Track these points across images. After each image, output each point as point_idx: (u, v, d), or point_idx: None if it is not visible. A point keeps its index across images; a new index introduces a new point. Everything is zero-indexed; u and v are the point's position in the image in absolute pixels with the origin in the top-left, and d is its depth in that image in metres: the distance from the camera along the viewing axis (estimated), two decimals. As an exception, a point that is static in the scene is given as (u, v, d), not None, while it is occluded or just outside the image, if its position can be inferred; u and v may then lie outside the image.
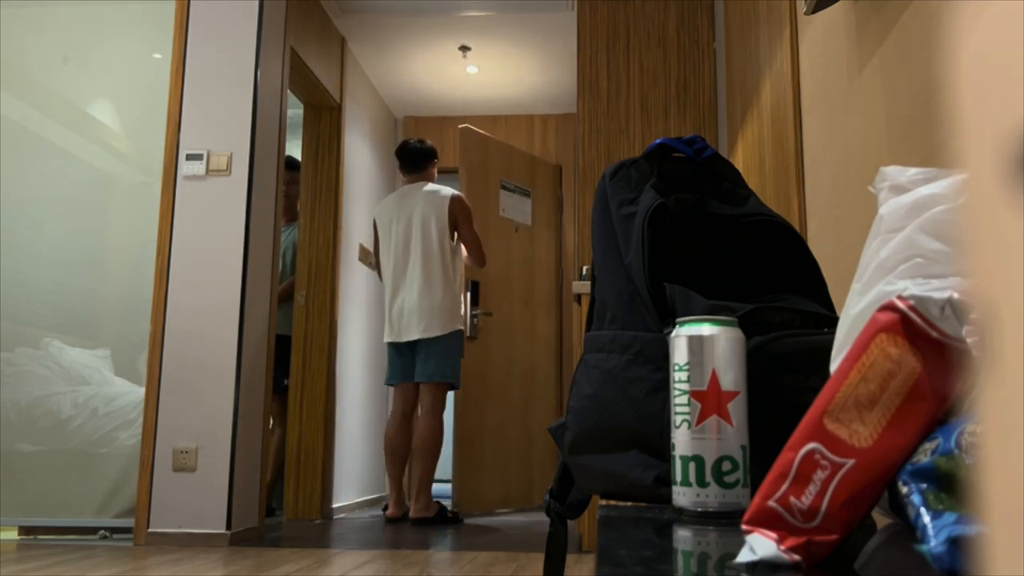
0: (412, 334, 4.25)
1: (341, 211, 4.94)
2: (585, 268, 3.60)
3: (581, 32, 3.91)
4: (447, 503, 5.66)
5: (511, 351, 5.18)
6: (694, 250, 0.91)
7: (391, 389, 5.99)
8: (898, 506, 0.48)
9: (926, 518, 0.44)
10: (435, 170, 4.59)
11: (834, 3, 1.79)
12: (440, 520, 4.27)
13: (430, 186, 4.44)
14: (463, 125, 5.14)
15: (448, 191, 4.41)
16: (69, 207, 3.95)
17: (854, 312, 0.64)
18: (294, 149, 5.85)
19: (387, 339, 4.35)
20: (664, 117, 3.80)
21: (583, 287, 3.24)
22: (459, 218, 4.39)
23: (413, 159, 4.48)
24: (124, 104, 4.09)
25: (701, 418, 0.70)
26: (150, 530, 3.40)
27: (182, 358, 3.53)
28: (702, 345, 0.71)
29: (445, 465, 6.79)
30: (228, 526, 3.41)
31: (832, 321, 0.85)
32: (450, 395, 5.81)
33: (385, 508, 4.44)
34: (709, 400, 0.70)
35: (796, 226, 2.24)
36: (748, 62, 2.99)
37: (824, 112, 2.05)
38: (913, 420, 0.46)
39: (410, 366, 4.33)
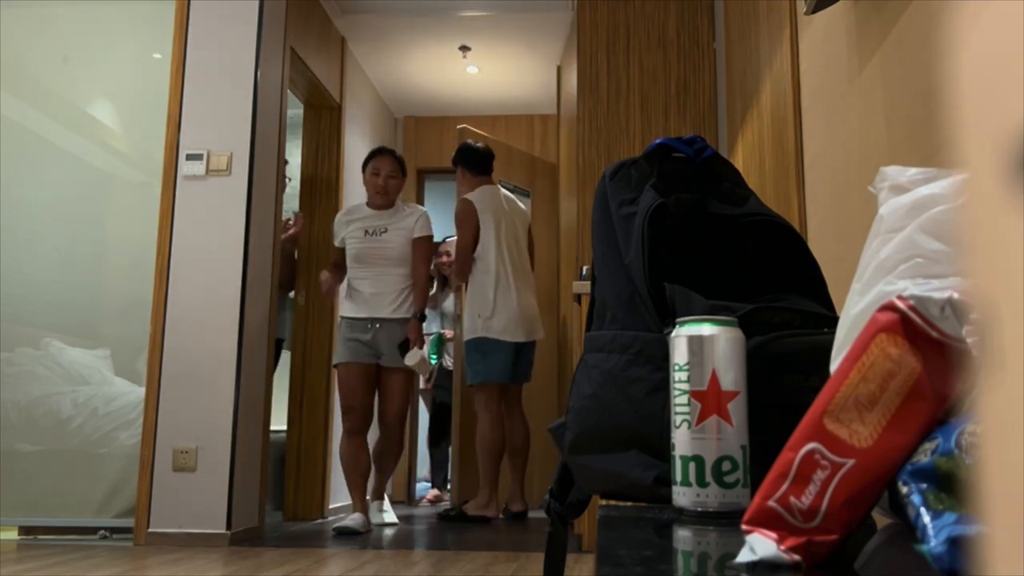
0: (536, 334, 4.43)
1: (341, 211, 4.94)
2: (585, 268, 3.60)
3: (581, 32, 3.91)
4: (447, 503, 5.67)
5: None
6: (694, 250, 0.91)
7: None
8: (898, 506, 0.48)
9: (926, 518, 0.44)
10: None
11: (834, 3, 1.79)
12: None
13: (511, 194, 4.62)
14: (461, 125, 5.14)
15: (521, 198, 4.70)
16: (69, 207, 3.95)
17: (854, 312, 0.64)
18: (294, 149, 5.85)
19: (512, 338, 4.31)
20: (664, 117, 3.80)
21: (583, 287, 3.24)
22: (531, 225, 4.67)
23: (486, 162, 4.54)
24: (124, 104, 4.09)
25: (701, 418, 0.70)
26: (150, 530, 3.40)
27: (182, 358, 3.53)
28: (702, 345, 0.71)
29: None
30: (228, 526, 3.41)
31: (832, 321, 0.85)
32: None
33: (459, 510, 4.45)
34: (709, 400, 0.70)
35: (796, 226, 2.24)
36: (748, 62, 3.00)
37: (824, 112, 2.05)
38: (913, 420, 0.46)
39: (513, 365, 4.37)
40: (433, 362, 5.62)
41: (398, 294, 4.03)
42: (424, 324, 4.14)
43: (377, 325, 3.97)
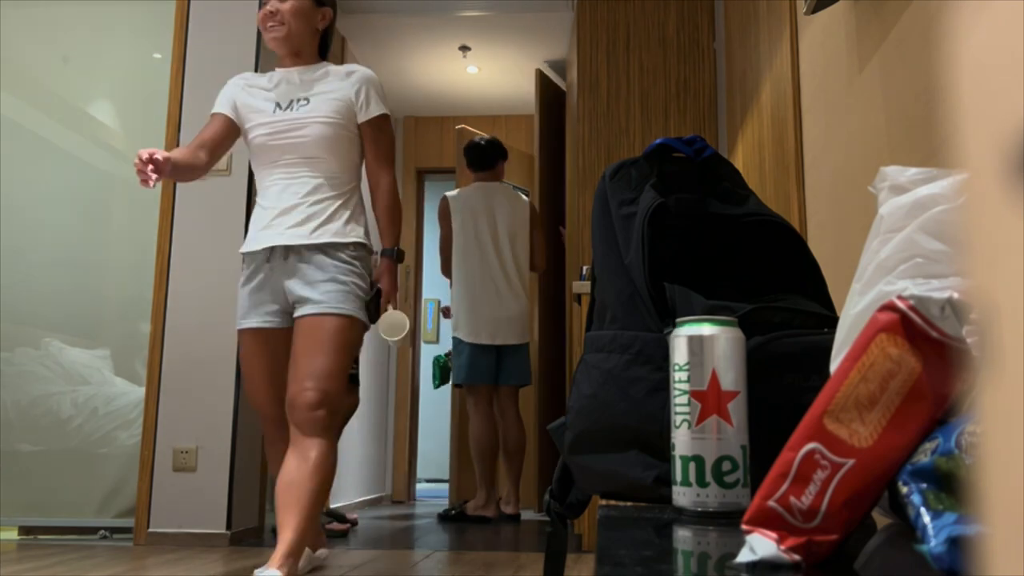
0: (511, 339, 4.36)
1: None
2: (585, 268, 3.60)
3: (581, 32, 3.91)
4: (445, 503, 5.66)
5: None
6: (694, 250, 0.91)
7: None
8: (898, 506, 0.48)
9: (926, 518, 0.44)
10: (502, 169, 4.65)
11: (834, 3, 1.79)
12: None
13: (510, 189, 4.58)
14: (459, 126, 5.14)
15: (522, 196, 4.58)
16: (69, 207, 3.95)
17: (854, 312, 0.64)
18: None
19: (476, 340, 4.31)
20: (664, 117, 3.80)
21: (583, 287, 3.24)
22: (534, 223, 4.57)
23: (484, 158, 4.53)
24: (124, 104, 4.09)
25: (701, 418, 0.70)
26: (150, 530, 3.40)
27: (182, 358, 3.53)
28: (702, 345, 0.71)
29: (443, 465, 6.78)
30: (228, 526, 3.41)
31: (832, 321, 0.85)
32: (448, 395, 5.80)
33: (459, 510, 4.46)
34: (709, 400, 0.70)
35: (796, 226, 2.24)
36: (748, 62, 3.00)
37: (824, 112, 2.05)
38: (913, 420, 0.46)
39: (493, 368, 4.36)
40: (435, 387, 5.52)
41: (324, 207, 2.36)
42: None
43: (292, 258, 2.34)
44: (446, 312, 5.21)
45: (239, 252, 2.68)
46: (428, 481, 7.60)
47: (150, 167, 2.15)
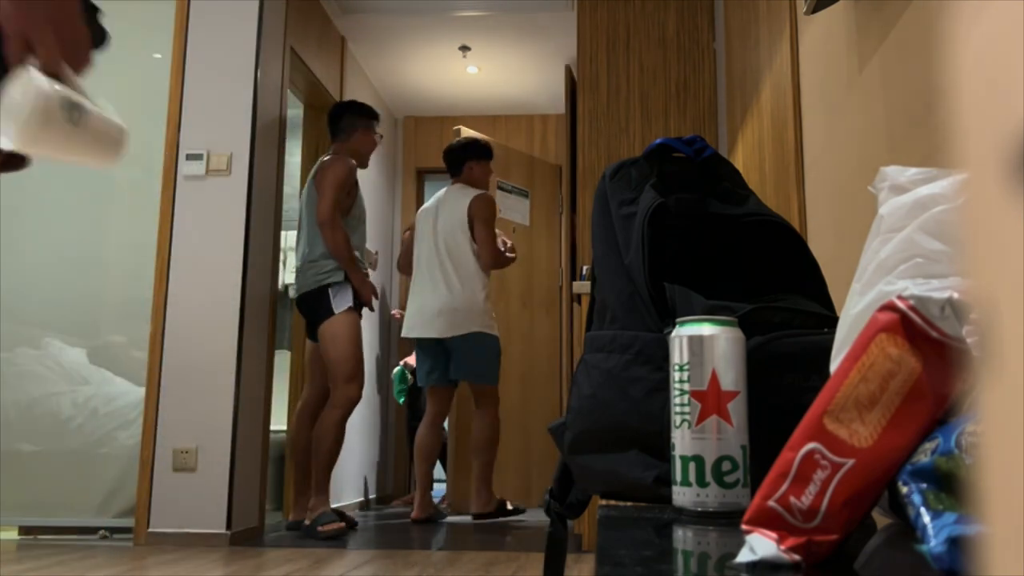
0: (447, 331, 4.26)
1: (341, 211, 4.93)
2: (585, 268, 3.60)
3: (581, 32, 3.91)
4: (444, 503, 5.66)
5: (509, 351, 5.17)
6: (694, 250, 0.91)
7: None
8: (898, 506, 0.48)
9: (926, 518, 0.44)
10: (478, 170, 4.49)
11: (834, 3, 1.79)
12: (502, 514, 4.40)
13: (461, 187, 4.48)
14: (457, 126, 5.14)
15: (474, 191, 4.41)
16: (69, 207, 3.95)
17: (854, 312, 0.64)
18: (294, 149, 5.85)
19: (409, 334, 4.39)
20: (664, 117, 3.80)
21: (583, 287, 3.24)
22: (476, 216, 4.35)
23: (451, 163, 4.54)
24: (124, 104, 4.08)
25: (701, 418, 0.70)
26: (150, 530, 3.40)
27: (182, 358, 3.53)
28: (702, 345, 0.71)
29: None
30: (228, 526, 3.41)
31: (832, 321, 0.85)
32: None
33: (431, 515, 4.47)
34: (709, 400, 0.70)
35: (796, 226, 2.24)
36: (748, 62, 2.99)
37: (824, 112, 2.05)
38: (913, 420, 0.46)
39: (442, 367, 4.33)
40: (400, 401, 5.51)
41: None
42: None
43: None
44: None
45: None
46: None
47: None
